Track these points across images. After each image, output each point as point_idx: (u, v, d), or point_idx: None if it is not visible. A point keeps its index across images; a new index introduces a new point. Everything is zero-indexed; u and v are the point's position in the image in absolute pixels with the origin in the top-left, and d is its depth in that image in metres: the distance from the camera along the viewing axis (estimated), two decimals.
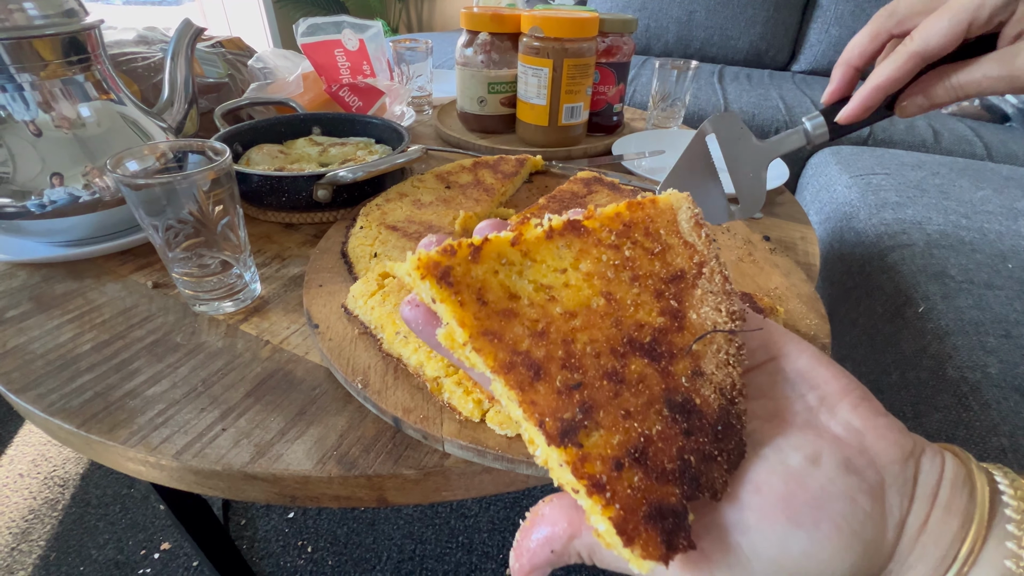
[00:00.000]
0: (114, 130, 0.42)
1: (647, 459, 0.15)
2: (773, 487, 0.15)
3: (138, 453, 0.27)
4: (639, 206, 0.20)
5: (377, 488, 0.27)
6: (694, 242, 0.19)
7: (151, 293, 0.39)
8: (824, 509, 0.15)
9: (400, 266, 0.17)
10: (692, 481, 0.15)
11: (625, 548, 0.13)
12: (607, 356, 0.16)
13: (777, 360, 0.19)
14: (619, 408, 0.15)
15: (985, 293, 0.56)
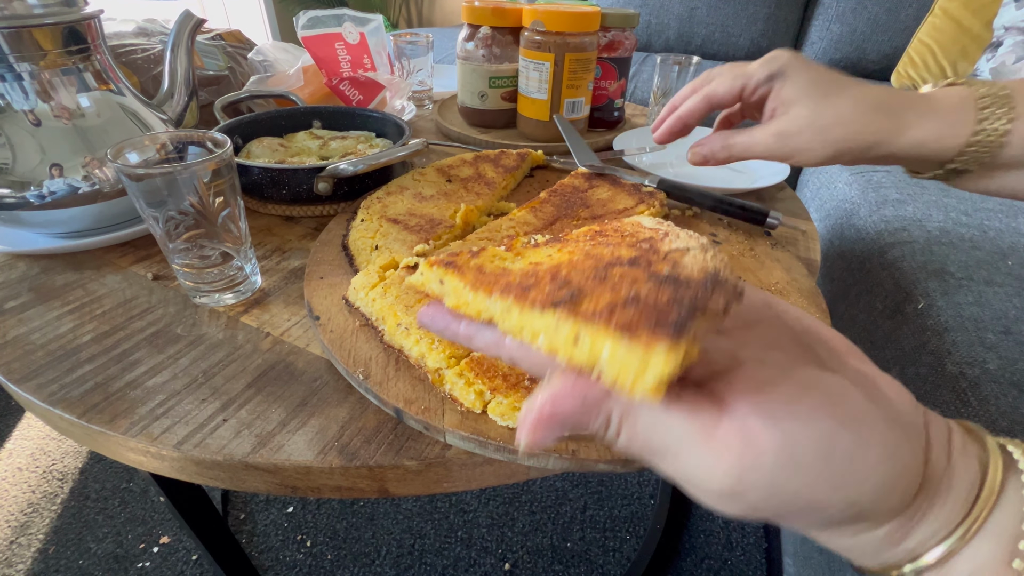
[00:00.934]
0: (114, 121, 0.42)
1: (639, 301, 0.14)
2: (814, 397, 0.15)
3: (139, 443, 0.27)
4: (610, 225, 0.23)
5: (378, 479, 0.27)
6: (659, 226, 0.22)
7: (151, 285, 0.39)
8: (866, 422, 0.15)
9: (413, 276, 0.20)
10: (691, 307, 0.14)
11: (634, 347, 0.13)
12: (593, 272, 0.17)
13: (781, 317, 0.19)
14: (608, 288, 0.15)
15: (985, 290, 0.56)
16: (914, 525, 0.16)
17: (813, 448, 0.14)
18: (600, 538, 0.82)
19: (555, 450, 0.25)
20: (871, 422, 0.15)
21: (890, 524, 0.16)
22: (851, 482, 0.14)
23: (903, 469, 0.15)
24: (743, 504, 0.15)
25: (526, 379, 0.27)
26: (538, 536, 0.81)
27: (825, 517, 0.15)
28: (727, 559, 0.79)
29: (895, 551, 0.16)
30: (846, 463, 0.14)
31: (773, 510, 0.15)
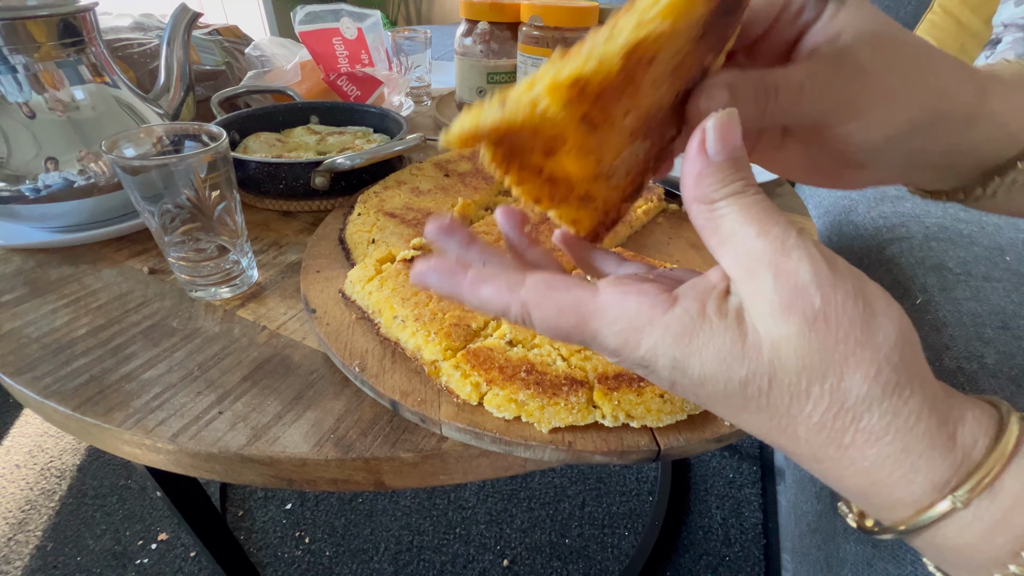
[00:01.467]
0: (109, 114, 0.42)
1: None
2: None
3: (134, 436, 0.27)
4: None
5: (374, 471, 0.27)
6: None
7: (147, 279, 0.39)
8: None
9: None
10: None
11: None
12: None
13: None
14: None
15: (983, 285, 0.56)
16: (956, 427, 0.15)
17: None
18: (598, 534, 0.82)
19: (551, 441, 0.25)
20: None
21: (932, 413, 0.15)
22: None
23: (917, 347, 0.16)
24: (814, 290, 0.16)
25: (522, 371, 0.27)
26: (536, 532, 0.81)
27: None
28: (725, 555, 0.79)
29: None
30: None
31: (836, 318, 0.15)
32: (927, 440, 0.15)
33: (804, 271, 0.16)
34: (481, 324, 0.30)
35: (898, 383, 0.15)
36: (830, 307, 0.15)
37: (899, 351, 0.15)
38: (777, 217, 0.16)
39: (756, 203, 0.17)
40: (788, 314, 0.16)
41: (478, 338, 0.29)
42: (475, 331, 0.30)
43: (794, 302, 0.16)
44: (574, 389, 0.26)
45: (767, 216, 0.16)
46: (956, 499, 0.15)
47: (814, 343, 0.16)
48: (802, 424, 0.16)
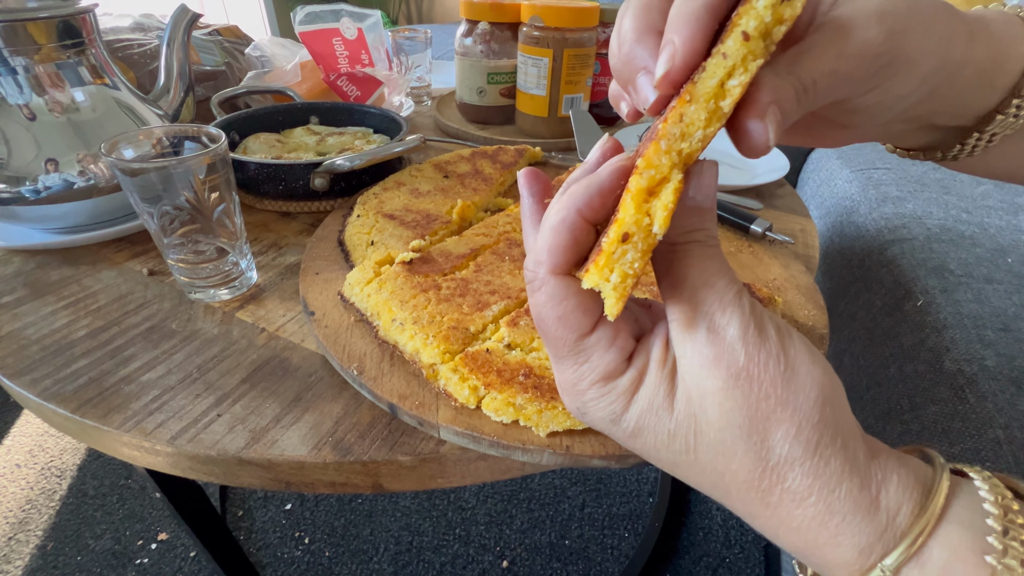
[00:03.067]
0: (109, 115, 0.42)
1: None
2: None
3: (133, 438, 0.27)
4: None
5: (372, 474, 0.27)
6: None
7: (147, 280, 0.39)
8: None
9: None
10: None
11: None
12: None
13: None
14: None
15: (984, 287, 0.55)
16: (879, 487, 0.16)
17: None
18: (598, 535, 0.82)
19: (549, 445, 0.25)
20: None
21: (855, 474, 0.16)
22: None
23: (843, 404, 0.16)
24: (741, 349, 0.17)
25: (520, 374, 0.27)
26: (536, 533, 0.81)
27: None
28: (725, 557, 0.79)
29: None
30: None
31: (761, 378, 0.16)
32: (849, 502, 0.15)
33: (733, 328, 0.16)
34: (479, 327, 0.30)
35: (819, 442, 0.16)
36: (753, 365, 0.16)
37: (819, 410, 0.16)
38: (724, 272, 0.17)
39: (710, 255, 0.17)
40: (715, 369, 0.16)
41: (476, 341, 0.29)
42: (473, 334, 0.29)
43: (721, 357, 0.16)
44: None
45: (716, 269, 0.17)
46: (885, 569, 0.15)
47: (738, 399, 0.16)
48: (731, 482, 0.17)
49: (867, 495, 0.15)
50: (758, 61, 0.15)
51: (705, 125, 0.15)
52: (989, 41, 0.21)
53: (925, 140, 0.25)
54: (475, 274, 0.34)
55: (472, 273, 0.34)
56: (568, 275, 0.18)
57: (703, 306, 0.17)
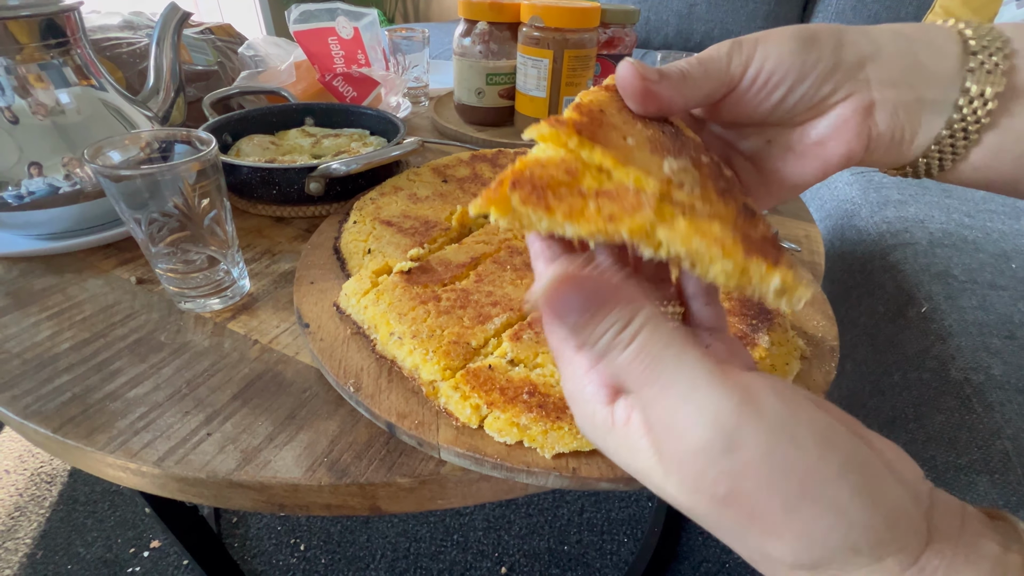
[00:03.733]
0: (95, 117, 0.40)
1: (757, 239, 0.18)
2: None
3: (117, 459, 0.26)
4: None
5: (370, 497, 0.26)
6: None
7: (135, 289, 0.38)
8: (864, 446, 0.15)
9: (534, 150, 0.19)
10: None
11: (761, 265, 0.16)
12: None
13: None
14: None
15: (989, 293, 0.55)
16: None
17: (815, 433, 0.14)
18: (597, 541, 0.81)
19: (555, 467, 0.24)
20: (867, 450, 0.15)
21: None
22: (845, 488, 0.14)
23: (896, 502, 0.14)
24: (717, 473, 0.14)
25: (524, 392, 0.26)
26: (535, 539, 0.81)
27: (812, 528, 0.14)
28: (725, 562, 0.79)
29: None
30: (844, 464, 0.14)
31: (750, 494, 0.14)
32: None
33: (699, 458, 0.14)
34: (481, 341, 0.29)
35: (837, 561, 0.14)
36: (738, 495, 0.14)
37: (837, 531, 0.14)
38: (666, 373, 0.15)
39: (636, 354, 0.15)
40: (695, 494, 0.15)
41: (478, 356, 0.28)
42: (475, 349, 0.28)
43: (699, 484, 0.15)
44: None
45: (659, 373, 0.15)
46: None
47: (722, 517, 0.15)
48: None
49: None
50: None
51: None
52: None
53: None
54: (476, 284, 0.33)
55: (473, 283, 0.33)
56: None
57: (666, 428, 0.15)
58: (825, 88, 0.21)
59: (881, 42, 0.21)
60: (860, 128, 0.22)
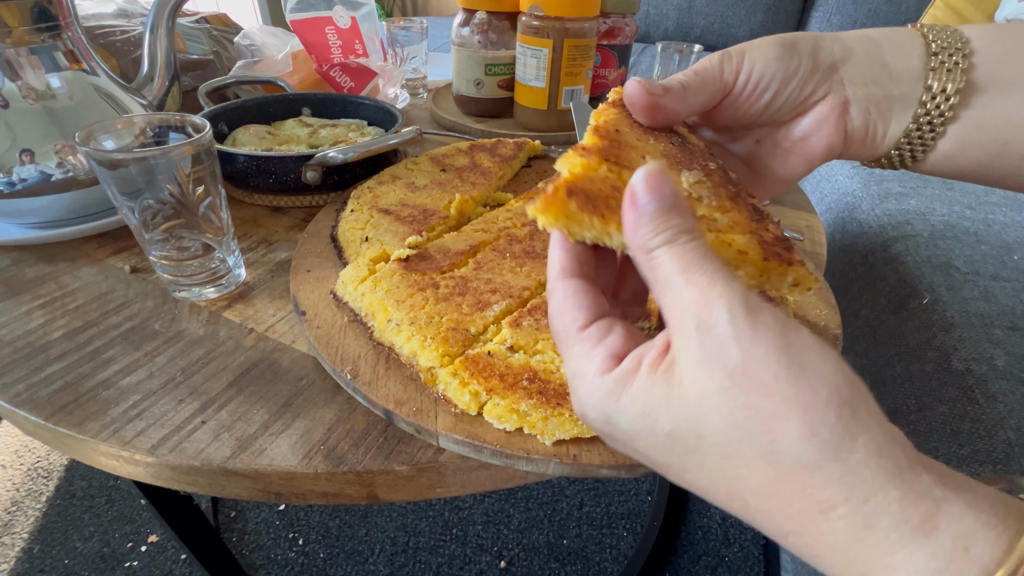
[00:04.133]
0: (88, 103, 0.40)
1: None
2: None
3: (110, 447, 0.26)
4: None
5: (367, 485, 0.26)
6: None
7: (129, 278, 0.37)
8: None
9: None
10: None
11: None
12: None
13: None
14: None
15: (991, 284, 0.55)
16: (936, 505, 0.13)
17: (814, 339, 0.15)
18: (597, 535, 0.81)
19: (555, 454, 0.24)
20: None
21: (899, 482, 0.13)
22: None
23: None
24: (733, 340, 0.15)
25: (524, 379, 0.25)
26: (534, 533, 0.80)
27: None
28: (724, 555, 0.79)
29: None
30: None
31: (761, 363, 0.15)
32: (890, 517, 0.13)
33: (723, 323, 0.15)
34: (480, 328, 0.28)
35: (838, 445, 0.14)
36: (751, 360, 0.15)
37: (835, 410, 0.14)
38: (705, 266, 0.16)
39: (688, 251, 0.16)
40: (710, 367, 0.15)
41: (477, 343, 0.28)
42: (474, 336, 0.28)
43: (714, 356, 0.15)
44: None
45: (696, 265, 0.16)
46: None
47: (739, 399, 0.15)
48: (745, 488, 0.15)
49: (915, 511, 0.13)
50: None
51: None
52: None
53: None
54: (475, 272, 0.33)
55: (472, 271, 0.33)
56: (572, 277, 0.20)
57: (690, 306, 0.16)
58: (807, 89, 0.24)
59: (851, 46, 0.24)
60: (838, 123, 0.24)
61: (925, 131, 0.24)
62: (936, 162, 0.25)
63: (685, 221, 0.17)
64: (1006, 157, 0.23)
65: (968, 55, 0.23)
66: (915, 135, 0.24)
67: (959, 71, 0.23)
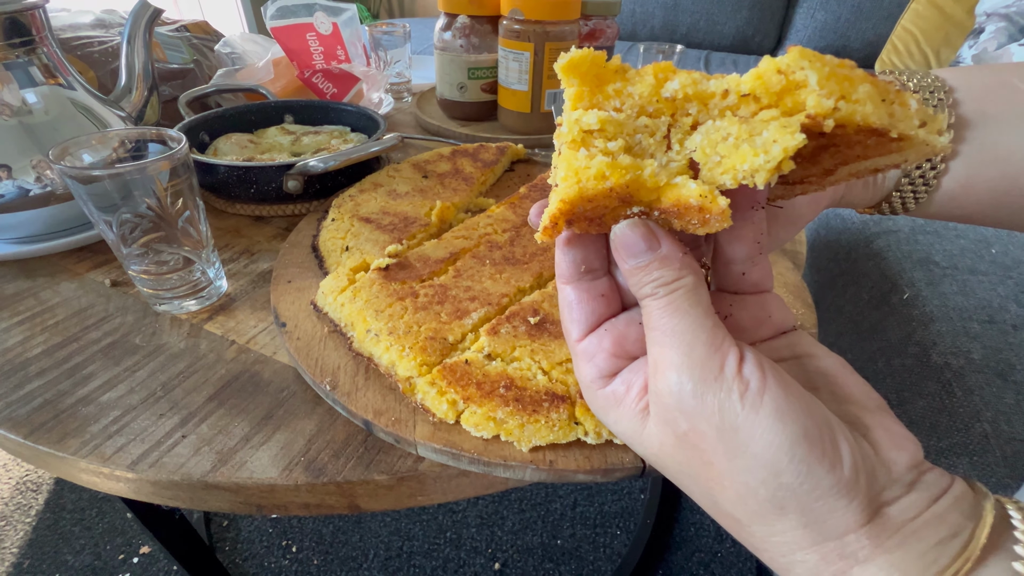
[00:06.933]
0: (64, 117, 0.40)
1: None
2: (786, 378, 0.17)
3: (90, 464, 0.26)
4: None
5: (348, 495, 0.26)
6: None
7: (109, 292, 0.37)
8: (815, 421, 0.16)
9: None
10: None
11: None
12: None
13: (801, 359, 0.20)
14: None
15: (969, 279, 0.55)
16: (852, 565, 0.15)
17: (775, 402, 0.16)
18: (590, 534, 0.81)
19: (531, 461, 0.24)
20: (825, 429, 0.16)
21: (820, 548, 0.15)
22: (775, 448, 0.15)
23: (835, 479, 0.15)
24: (682, 412, 0.16)
25: (501, 386, 0.25)
26: (528, 534, 0.81)
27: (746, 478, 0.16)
28: (717, 551, 0.79)
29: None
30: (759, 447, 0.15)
31: (704, 435, 0.16)
32: (806, 570, 0.15)
33: (672, 395, 0.16)
34: (459, 337, 0.29)
35: (764, 515, 0.16)
36: (695, 435, 0.16)
37: (765, 486, 0.15)
38: (678, 324, 0.17)
39: (664, 306, 0.17)
40: (664, 427, 0.17)
41: (455, 352, 0.28)
42: (452, 344, 0.28)
43: (666, 419, 0.17)
44: (555, 405, 0.25)
45: (668, 325, 0.17)
46: None
47: (687, 456, 0.17)
48: (708, 508, 0.18)
49: (828, 569, 0.15)
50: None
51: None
52: None
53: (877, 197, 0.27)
54: (454, 279, 0.33)
55: (451, 278, 0.33)
56: (570, 284, 0.20)
57: (655, 365, 0.17)
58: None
59: None
60: None
61: (926, 167, 0.23)
62: (942, 202, 0.24)
63: (664, 273, 0.17)
64: (1015, 195, 0.23)
65: (949, 92, 0.23)
66: (916, 173, 0.24)
67: (945, 107, 0.22)
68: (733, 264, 0.20)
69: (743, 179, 0.16)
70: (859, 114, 0.15)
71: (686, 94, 0.17)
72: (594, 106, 0.18)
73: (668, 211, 0.17)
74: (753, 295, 0.21)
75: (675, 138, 0.18)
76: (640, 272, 0.18)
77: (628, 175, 0.17)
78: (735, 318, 0.20)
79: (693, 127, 0.18)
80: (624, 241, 0.18)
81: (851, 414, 0.17)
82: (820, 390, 0.18)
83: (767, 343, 0.20)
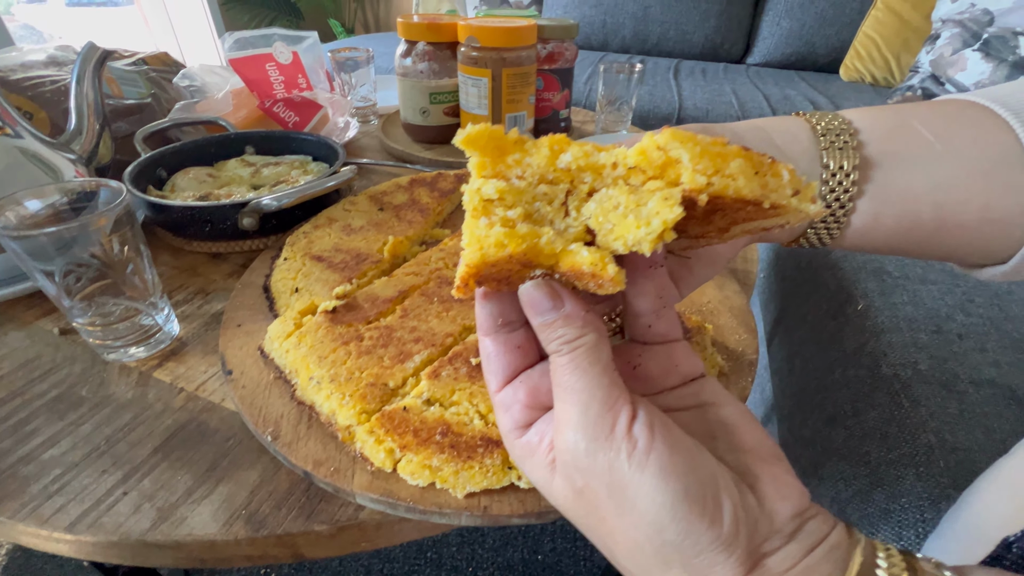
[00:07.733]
0: (13, 167, 0.39)
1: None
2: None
3: (28, 527, 0.26)
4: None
5: (289, 546, 0.26)
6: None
7: (57, 340, 0.37)
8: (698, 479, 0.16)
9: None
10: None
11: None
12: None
13: (704, 407, 0.20)
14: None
15: (919, 288, 0.57)
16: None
17: (659, 460, 0.16)
18: (571, 548, 0.82)
19: (466, 507, 0.25)
20: (709, 485, 0.16)
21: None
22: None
23: (715, 534, 0.16)
24: (577, 469, 0.17)
25: (437, 433, 0.26)
26: (508, 551, 0.81)
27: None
28: None
29: None
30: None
31: (597, 492, 0.17)
32: None
33: (568, 452, 0.17)
34: (399, 381, 0.29)
35: (650, 568, 0.17)
36: (588, 491, 0.17)
37: (653, 547, 0.16)
38: (577, 383, 0.18)
39: (566, 364, 0.18)
40: (564, 480, 0.18)
41: (396, 397, 0.29)
42: (393, 390, 0.29)
43: (565, 474, 0.18)
44: (489, 451, 0.25)
45: (568, 383, 0.18)
46: None
47: (585, 509, 0.18)
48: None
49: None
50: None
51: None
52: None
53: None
54: (401, 320, 0.33)
55: (398, 319, 0.33)
56: (488, 336, 0.21)
57: (557, 421, 0.18)
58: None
59: (740, 132, 0.25)
60: None
61: (835, 207, 0.24)
62: (854, 238, 0.25)
63: (567, 331, 0.18)
64: (920, 229, 0.24)
65: (854, 134, 0.24)
66: (826, 213, 0.25)
67: (850, 149, 0.23)
68: (640, 317, 0.21)
69: (632, 247, 0.17)
70: (732, 188, 0.16)
71: (579, 165, 0.18)
72: (498, 175, 0.19)
73: (567, 274, 0.18)
74: (661, 344, 0.21)
75: (572, 205, 0.19)
76: (547, 329, 0.19)
77: (525, 243, 0.17)
78: (644, 367, 0.21)
79: (590, 194, 0.19)
80: (530, 300, 0.19)
81: (743, 464, 0.18)
82: (718, 439, 0.19)
83: (674, 391, 0.21)
